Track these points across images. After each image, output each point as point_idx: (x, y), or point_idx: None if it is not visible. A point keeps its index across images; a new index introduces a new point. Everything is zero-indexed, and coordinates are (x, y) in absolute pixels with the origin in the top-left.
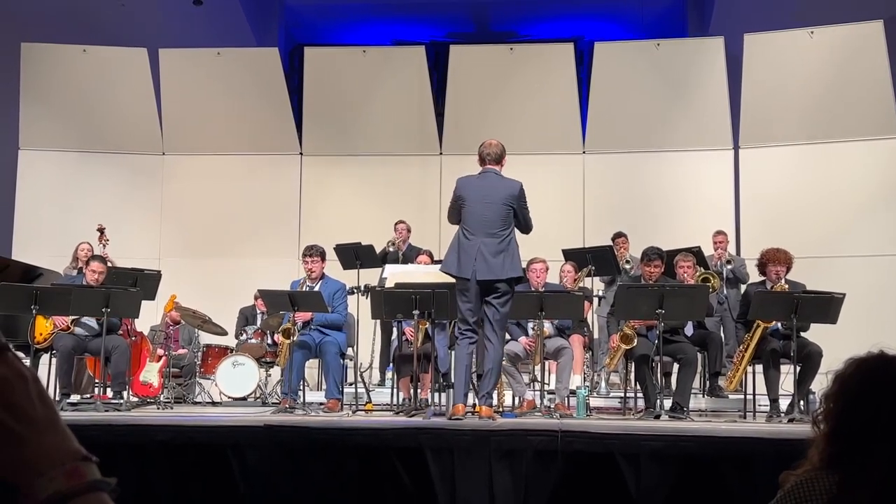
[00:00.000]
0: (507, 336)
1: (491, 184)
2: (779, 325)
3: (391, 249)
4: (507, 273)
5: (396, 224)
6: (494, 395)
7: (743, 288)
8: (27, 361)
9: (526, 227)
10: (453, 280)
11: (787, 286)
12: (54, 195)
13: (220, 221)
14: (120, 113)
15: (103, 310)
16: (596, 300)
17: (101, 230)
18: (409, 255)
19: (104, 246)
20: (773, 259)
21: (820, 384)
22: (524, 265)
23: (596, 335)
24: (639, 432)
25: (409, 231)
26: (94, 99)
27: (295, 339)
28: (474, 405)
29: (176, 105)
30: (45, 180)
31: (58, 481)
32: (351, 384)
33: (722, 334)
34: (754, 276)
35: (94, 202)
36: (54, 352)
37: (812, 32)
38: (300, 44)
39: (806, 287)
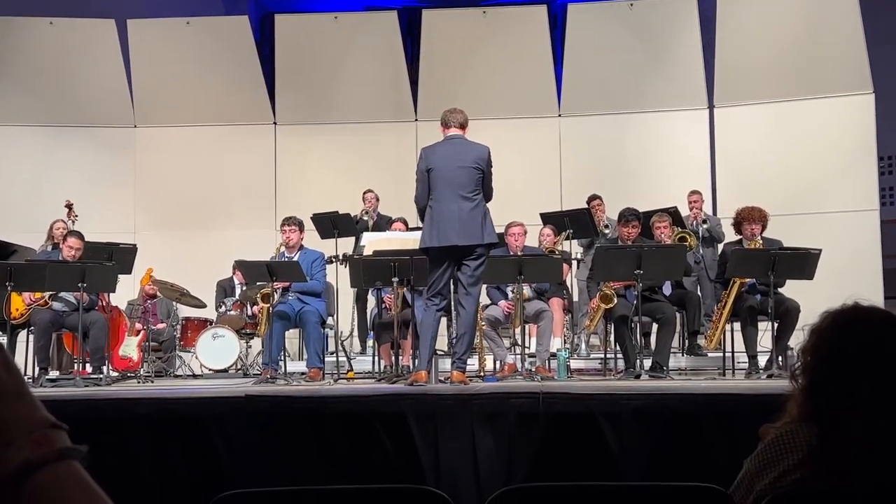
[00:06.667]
0: (488, 300)
1: (461, 147)
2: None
3: (364, 218)
4: (486, 238)
5: (364, 193)
6: (471, 360)
7: (720, 247)
8: (3, 339)
9: (489, 194)
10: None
11: (762, 243)
12: (25, 171)
13: (195, 193)
14: (89, 86)
15: (79, 284)
16: (575, 263)
17: (70, 206)
18: (381, 223)
19: (73, 222)
20: (748, 217)
21: (797, 340)
22: (503, 230)
23: (576, 298)
24: (619, 392)
25: (377, 199)
26: (62, 72)
27: (274, 302)
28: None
29: (146, 76)
30: (15, 156)
31: (25, 450)
32: (332, 353)
33: (699, 293)
34: (730, 235)
35: (65, 177)
36: (32, 328)
37: None
38: (270, 11)
39: (783, 244)
